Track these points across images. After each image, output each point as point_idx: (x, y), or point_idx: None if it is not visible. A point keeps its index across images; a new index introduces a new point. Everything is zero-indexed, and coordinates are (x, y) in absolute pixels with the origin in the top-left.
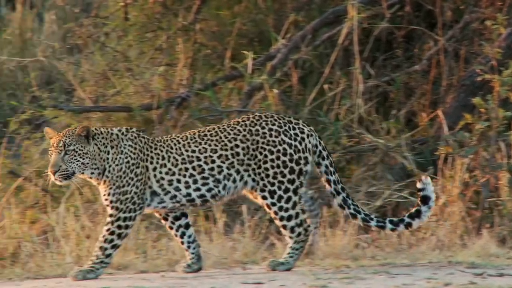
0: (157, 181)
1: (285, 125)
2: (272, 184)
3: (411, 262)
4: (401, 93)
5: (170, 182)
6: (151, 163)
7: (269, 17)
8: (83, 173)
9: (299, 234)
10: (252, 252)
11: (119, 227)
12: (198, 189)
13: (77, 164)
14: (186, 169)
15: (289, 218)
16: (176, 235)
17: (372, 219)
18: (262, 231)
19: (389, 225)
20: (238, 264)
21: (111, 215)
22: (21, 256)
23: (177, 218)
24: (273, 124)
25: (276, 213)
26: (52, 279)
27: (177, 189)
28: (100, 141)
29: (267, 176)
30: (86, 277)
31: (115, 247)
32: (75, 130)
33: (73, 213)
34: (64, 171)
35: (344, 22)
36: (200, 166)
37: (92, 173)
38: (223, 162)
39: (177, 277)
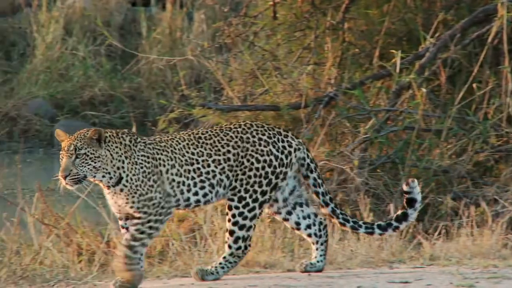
0: (169, 183)
1: (274, 136)
2: (246, 191)
3: None
4: None
5: (178, 184)
6: (164, 166)
7: (418, 16)
8: (94, 176)
9: (239, 248)
10: (399, 251)
11: (150, 227)
12: (196, 194)
13: (88, 168)
14: (189, 171)
15: (241, 227)
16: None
17: (360, 226)
18: (409, 230)
19: (377, 230)
20: (385, 263)
21: (139, 218)
22: (169, 254)
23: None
24: (263, 134)
25: (234, 216)
26: None
27: (181, 192)
28: (114, 149)
29: (248, 183)
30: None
31: (144, 245)
32: (87, 133)
33: (221, 211)
34: (75, 175)
35: (494, 21)
36: (199, 169)
37: (103, 176)
38: (216, 167)
39: (324, 276)
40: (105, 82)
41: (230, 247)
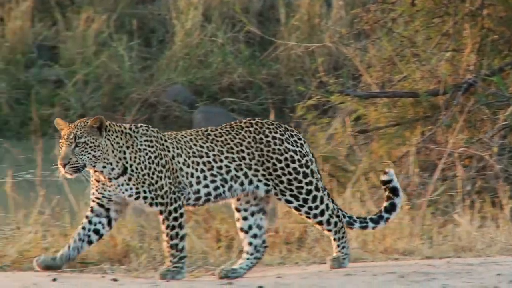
0: (180, 169)
1: (285, 133)
2: (291, 190)
3: None
4: None
5: (186, 176)
6: (169, 151)
7: None
8: (94, 166)
9: (335, 223)
10: None
11: (175, 219)
12: (206, 186)
13: (88, 157)
14: (198, 163)
15: (322, 213)
16: None
17: (355, 221)
18: None
19: (370, 224)
20: None
21: (160, 212)
22: (307, 241)
23: None
24: (276, 133)
25: (307, 213)
26: None
27: (190, 184)
28: (114, 139)
29: (281, 182)
30: (176, 278)
31: (183, 238)
32: (87, 122)
33: (359, 198)
34: (74, 163)
35: None
36: (209, 162)
37: (104, 167)
38: (231, 163)
39: (463, 263)
40: (243, 68)
41: (330, 230)
